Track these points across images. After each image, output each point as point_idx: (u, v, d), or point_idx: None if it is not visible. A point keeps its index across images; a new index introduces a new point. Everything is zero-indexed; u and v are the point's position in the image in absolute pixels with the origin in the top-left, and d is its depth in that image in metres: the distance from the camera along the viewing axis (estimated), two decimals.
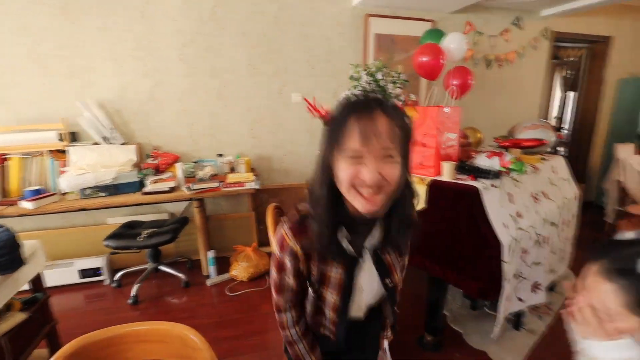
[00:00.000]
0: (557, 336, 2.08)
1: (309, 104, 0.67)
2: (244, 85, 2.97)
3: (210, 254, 2.63)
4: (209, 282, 2.61)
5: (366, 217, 0.74)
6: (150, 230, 2.37)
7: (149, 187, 2.37)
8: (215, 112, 2.95)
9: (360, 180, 0.68)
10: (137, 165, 2.55)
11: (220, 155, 2.90)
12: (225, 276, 2.68)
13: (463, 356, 1.91)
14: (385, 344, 1.11)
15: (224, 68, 2.89)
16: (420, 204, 1.80)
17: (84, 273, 2.57)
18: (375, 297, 0.92)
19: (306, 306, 0.93)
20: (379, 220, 0.81)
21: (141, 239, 2.27)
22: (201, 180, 2.56)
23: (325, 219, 0.75)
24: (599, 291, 0.66)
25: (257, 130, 3.09)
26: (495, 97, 3.84)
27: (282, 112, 3.13)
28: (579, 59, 4.44)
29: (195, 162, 2.83)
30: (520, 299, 1.95)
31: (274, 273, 0.87)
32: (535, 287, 2.01)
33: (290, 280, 0.85)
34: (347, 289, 0.83)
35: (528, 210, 1.93)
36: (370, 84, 2.13)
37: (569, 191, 2.36)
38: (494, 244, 1.63)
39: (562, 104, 4.79)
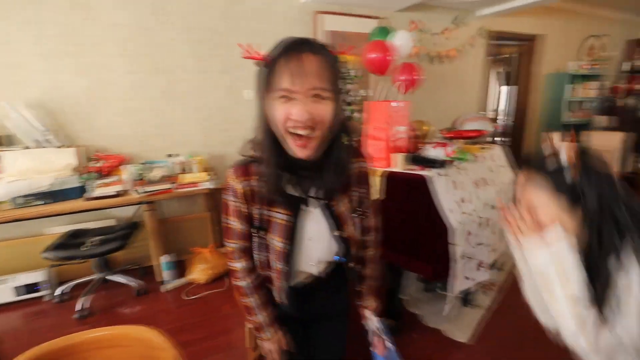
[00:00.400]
0: (500, 309, 2.27)
1: (246, 50, 0.69)
2: (192, 82, 2.87)
3: (165, 259, 2.53)
4: (164, 288, 2.50)
5: (307, 162, 0.78)
6: (96, 238, 2.22)
7: (93, 192, 2.22)
8: (163, 110, 2.82)
9: (293, 122, 0.70)
10: (79, 170, 2.36)
11: (171, 155, 2.78)
12: (182, 280, 2.59)
13: (420, 336, 2.02)
14: (368, 313, 1.10)
15: (170, 64, 2.77)
16: (375, 194, 1.87)
17: (21, 290, 2.35)
18: (329, 251, 0.91)
19: (255, 262, 0.94)
20: (320, 166, 0.82)
21: (86, 248, 2.12)
22: (151, 182, 2.44)
23: (268, 161, 0.78)
24: (527, 193, 0.78)
25: (208, 128, 3.01)
26: (440, 91, 4.07)
27: (235, 109, 3.06)
28: (512, 55, 4.83)
29: (144, 164, 2.69)
30: (467, 278, 2.10)
31: (223, 219, 0.91)
32: (480, 265, 2.17)
33: (235, 223, 0.88)
34: (291, 233, 0.84)
35: (471, 196, 2.08)
36: None
37: (506, 177, 2.58)
38: (443, 229, 1.75)
39: (499, 97, 5.18)
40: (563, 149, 0.73)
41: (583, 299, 0.70)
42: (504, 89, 5.05)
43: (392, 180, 1.84)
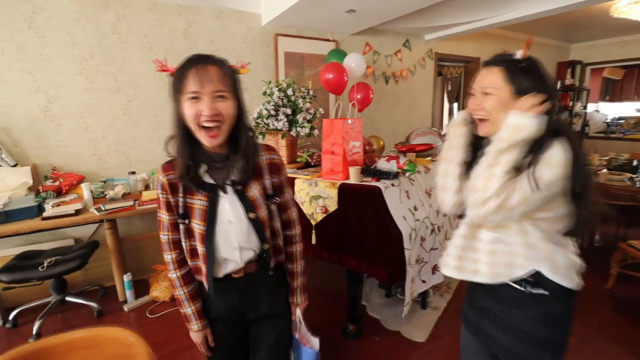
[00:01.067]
0: (455, 311, 2.45)
1: (160, 63, 0.85)
2: (152, 100, 2.90)
3: (127, 277, 2.49)
4: (126, 307, 2.46)
5: (219, 154, 0.95)
6: (53, 258, 2.16)
7: (50, 211, 2.17)
8: (122, 128, 2.81)
9: (202, 116, 0.87)
10: (35, 189, 2.30)
11: (133, 172, 2.77)
12: (146, 298, 2.55)
13: (381, 338, 2.15)
14: (298, 312, 1.17)
15: (129, 83, 2.79)
16: (332, 205, 2.01)
17: None
18: (247, 234, 0.99)
19: (184, 251, 1.02)
20: (232, 157, 0.97)
21: (43, 269, 2.06)
22: (113, 200, 2.42)
23: (184, 153, 0.92)
24: (490, 75, 0.95)
25: (171, 146, 3.02)
26: (395, 108, 4.36)
27: None
28: (458, 75, 5.28)
29: (104, 182, 2.66)
30: (423, 281, 2.27)
31: (158, 213, 1.02)
32: (434, 269, 2.36)
33: (165, 215, 0.99)
34: (211, 216, 0.96)
35: (423, 204, 2.28)
36: (282, 99, 2.29)
37: None
38: (396, 235, 1.91)
39: (449, 113, 5.60)
40: (519, 52, 0.96)
41: (510, 170, 0.87)
42: (454, 105, 5.47)
43: (349, 191, 1.98)
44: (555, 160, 0.83)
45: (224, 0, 2.97)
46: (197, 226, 0.96)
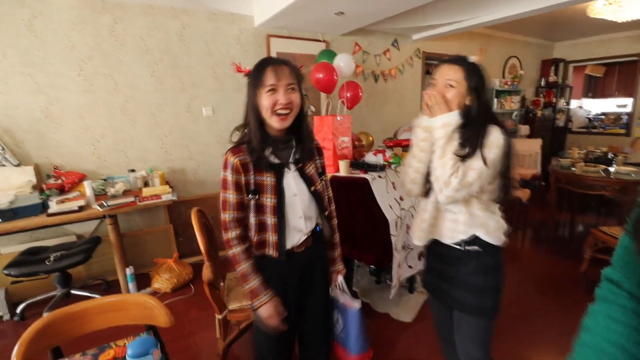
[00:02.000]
0: None
1: (236, 66, 1.16)
2: (150, 101, 3.00)
3: (129, 271, 2.60)
4: None
5: (282, 138, 1.13)
6: (59, 253, 2.26)
7: (55, 207, 2.27)
8: (121, 128, 2.92)
9: (278, 104, 1.05)
10: (38, 187, 2.40)
11: (133, 170, 2.87)
12: (147, 290, 2.66)
13: (371, 320, 2.29)
14: (340, 278, 1.35)
15: (127, 84, 2.89)
16: None
17: None
18: (309, 204, 1.18)
19: (250, 227, 1.14)
20: (293, 140, 1.16)
21: (50, 262, 2.16)
22: (114, 196, 2.53)
23: (256, 136, 1.08)
24: (453, 71, 1.14)
25: (167, 144, 3.13)
26: (384, 106, 4.51)
27: (192, 126, 3.23)
28: None
29: (105, 180, 2.76)
30: (410, 266, 2.42)
31: (220, 194, 1.12)
32: (420, 255, 2.51)
33: (232, 195, 1.10)
34: (280, 190, 1.11)
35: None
36: None
37: None
38: (383, 222, 2.05)
39: None
40: (473, 57, 1.17)
41: (455, 156, 1.10)
42: None
43: (339, 183, 2.12)
44: (496, 142, 1.07)
45: (217, 2, 3.08)
46: (269, 200, 1.10)
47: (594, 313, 0.58)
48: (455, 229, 1.20)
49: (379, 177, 2.19)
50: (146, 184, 2.85)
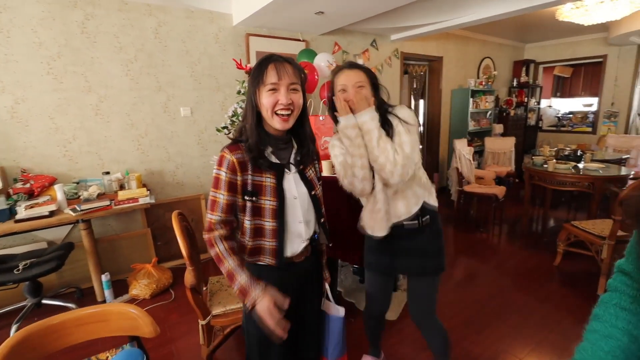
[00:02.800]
0: None
1: (237, 62, 1.14)
2: (124, 100, 2.90)
3: (105, 277, 2.50)
4: None
5: (283, 137, 1.10)
6: (28, 261, 2.15)
7: (23, 213, 2.15)
8: (94, 128, 2.80)
9: (279, 104, 1.01)
10: (5, 192, 2.26)
11: (107, 173, 2.76)
12: (125, 297, 2.57)
13: (356, 319, 2.30)
14: (326, 286, 1.31)
15: (100, 82, 2.77)
16: None
17: None
18: (308, 209, 1.13)
19: (245, 232, 1.07)
20: (294, 141, 1.14)
21: (19, 271, 2.05)
22: (87, 200, 2.42)
23: (253, 135, 1.04)
24: (357, 75, 1.29)
25: (144, 145, 3.03)
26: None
27: (170, 126, 3.14)
28: (423, 73, 5.53)
29: (77, 183, 2.64)
30: None
31: (210, 193, 1.05)
32: None
33: (223, 195, 1.02)
34: (280, 192, 1.06)
35: None
36: None
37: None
38: None
39: (416, 109, 5.86)
40: (360, 59, 1.31)
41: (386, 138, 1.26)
42: (420, 102, 5.73)
43: (322, 183, 2.11)
44: (408, 115, 1.30)
45: (194, 0, 3.01)
46: (268, 202, 1.05)
47: (604, 302, 0.61)
48: (408, 204, 1.36)
49: None
50: (122, 187, 2.75)
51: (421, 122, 5.79)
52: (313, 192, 1.15)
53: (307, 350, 1.25)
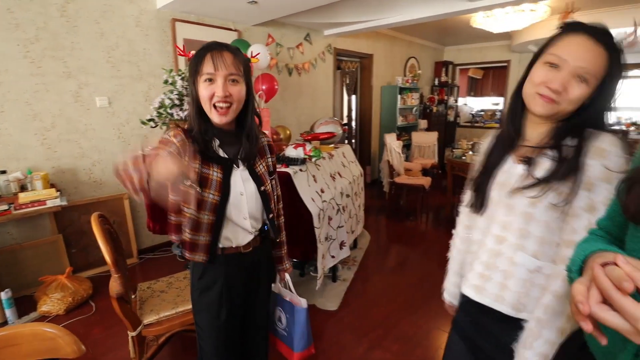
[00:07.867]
0: (361, 280, 2.75)
1: (179, 49, 0.97)
2: (23, 87, 2.48)
3: (5, 295, 2.13)
4: None
5: (231, 131, 1.05)
6: None
7: None
8: None
9: (216, 97, 0.95)
10: None
11: (3, 172, 2.35)
12: (32, 316, 2.23)
13: None
14: (287, 276, 1.33)
15: None
16: None
17: None
18: (255, 205, 1.10)
19: (185, 222, 1.02)
20: (242, 135, 1.07)
21: None
22: None
23: (196, 125, 1.00)
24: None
25: (50, 140, 2.64)
26: (299, 99, 4.53)
27: (84, 118, 2.78)
28: (355, 69, 5.70)
29: None
30: (332, 256, 2.49)
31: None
32: (342, 245, 2.60)
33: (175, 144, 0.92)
34: (225, 187, 1.03)
35: (329, 187, 2.48)
36: (186, 88, 2.22)
37: (356, 170, 3.12)
38: (307, 215, 2.06)
39: (349, 104, 6.03)
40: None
41: None
42: (352, 97, 5.91)
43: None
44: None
45: None
46: (211, 196, 1.00)
47: (580, 241, 0.63)
48: (537, 297, 0.81)
49: (300, 170, 2.19)
50: (23, 188, 2.37)
51: (355, 116, 5.98)
52: (262, 188, 1.11)
53: (256, 334, 1.28)
